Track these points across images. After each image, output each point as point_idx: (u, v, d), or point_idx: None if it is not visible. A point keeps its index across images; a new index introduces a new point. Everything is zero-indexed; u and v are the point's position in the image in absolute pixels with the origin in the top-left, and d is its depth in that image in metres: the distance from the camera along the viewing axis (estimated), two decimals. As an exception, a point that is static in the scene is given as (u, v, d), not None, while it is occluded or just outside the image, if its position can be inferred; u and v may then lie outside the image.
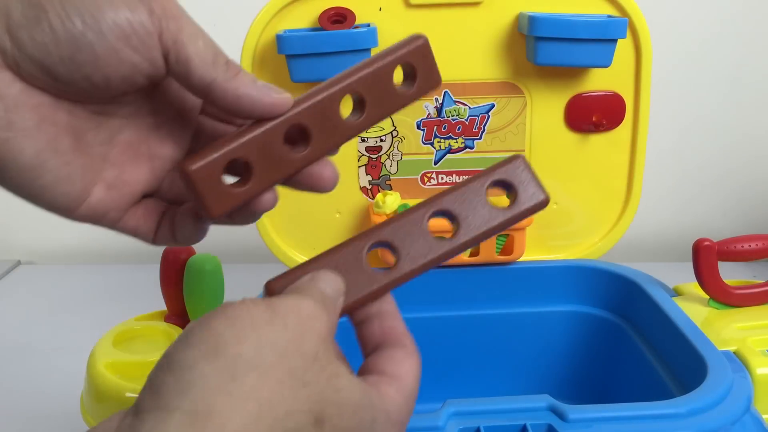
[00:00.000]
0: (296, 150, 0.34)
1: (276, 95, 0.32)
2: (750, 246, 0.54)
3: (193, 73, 0.31)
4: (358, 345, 0.34)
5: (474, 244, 0.36)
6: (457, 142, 0.63)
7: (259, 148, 0.33)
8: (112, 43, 0.30)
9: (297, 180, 0.35)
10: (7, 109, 0.30)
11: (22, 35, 0.29)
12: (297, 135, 0.35)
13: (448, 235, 0.35)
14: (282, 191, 0.37)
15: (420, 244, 0.35)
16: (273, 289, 0.34)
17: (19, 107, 0.30)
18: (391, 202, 0.63)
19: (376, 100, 0.35)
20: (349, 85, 0.34)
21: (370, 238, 0.35)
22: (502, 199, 0.37)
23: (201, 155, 0.32)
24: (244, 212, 0.34)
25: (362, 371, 0.33)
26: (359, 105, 0.35)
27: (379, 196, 0.61)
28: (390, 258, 0.35)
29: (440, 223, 0.36)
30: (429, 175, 0.64)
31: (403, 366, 0.33)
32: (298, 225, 0.63)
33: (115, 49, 0.30)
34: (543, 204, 0.36)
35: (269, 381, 0.26)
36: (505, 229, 0.36)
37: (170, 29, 0.31)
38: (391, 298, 0.35)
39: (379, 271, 0.35)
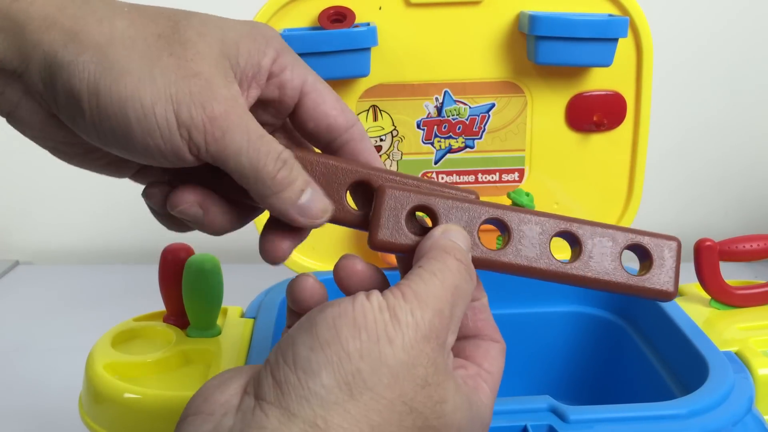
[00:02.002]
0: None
1: (304, 220, 0.33)
2: (751, 246, 0.54)
3: (236, 179, 0.32)
4: None
5: (576, 283, 0.35)
6: (457, 141, 0.63)
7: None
8: (140, 141, 0.30)
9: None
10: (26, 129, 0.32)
11: (61, 115, 0.31)
12: None
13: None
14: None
15: (533, 248, 0.34)
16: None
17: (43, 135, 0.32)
18: (390, 202, 0.63)
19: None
20: (366, 173, 0.34)
21: (486, 212, 0.34)
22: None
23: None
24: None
25: (458, 354, 0.33)
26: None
27: (378, 195, 0.61)
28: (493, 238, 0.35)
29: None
30: (429, 174, 0.64)
31: (498, 363, 0.34)
32: (297, 225, 0.63)
33: (145, 146, 0.31)
34: (667, 297, 0.35)
35: (381, 403, 0.27)
36: (611, 291, 0.35)
37: (209, 150, 0.31)
38: (485, 293, 0.35)
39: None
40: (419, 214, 0.35)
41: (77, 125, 0.30)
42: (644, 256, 0.35)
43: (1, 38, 0.29)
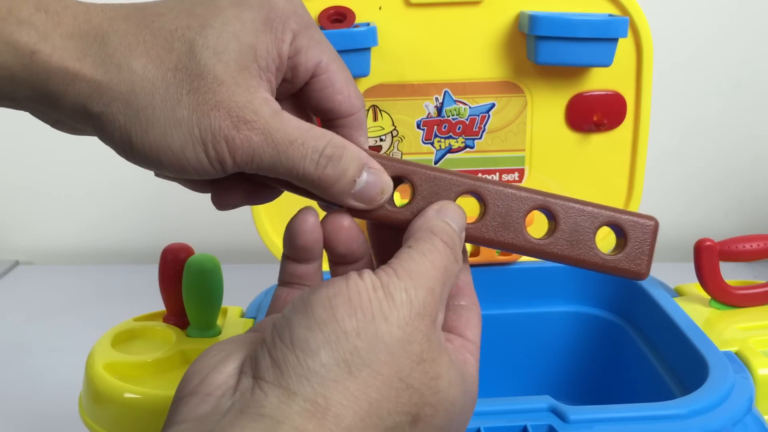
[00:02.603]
0: None
1: (365, 206, 0.34)
2: (751, 246, 0.54)
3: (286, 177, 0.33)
4: None
5: (549, 258, 0.35)
6: (457, 141, 0.63)
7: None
8: (175, 173, 0.32)
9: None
10: None
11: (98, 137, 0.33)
12: None
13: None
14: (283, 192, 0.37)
15: (508, 222, 0.34)
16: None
17: None
18: (390, 201, 0.63)
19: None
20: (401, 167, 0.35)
21: (463, 183, 0.34)
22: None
23: None
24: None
25: (443, 327, 0.34)
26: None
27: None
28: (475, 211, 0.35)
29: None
30: (429, 174, 0.64)
31: (478, 330, 0.34)
32: (297, 225, 0.63)
33: (181, 175, 0.33)
34: (638, 277, 0.35)
35: (379, 379, 0.28)
36: (584, 268, 0.35)
37: (247, 171, 0.32)
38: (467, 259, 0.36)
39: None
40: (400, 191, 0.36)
41: (114, 149, 0.32)
42: (620, 234, 0.35)
43: (26, 88, 0.30)
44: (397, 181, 0.35)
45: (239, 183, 0.35)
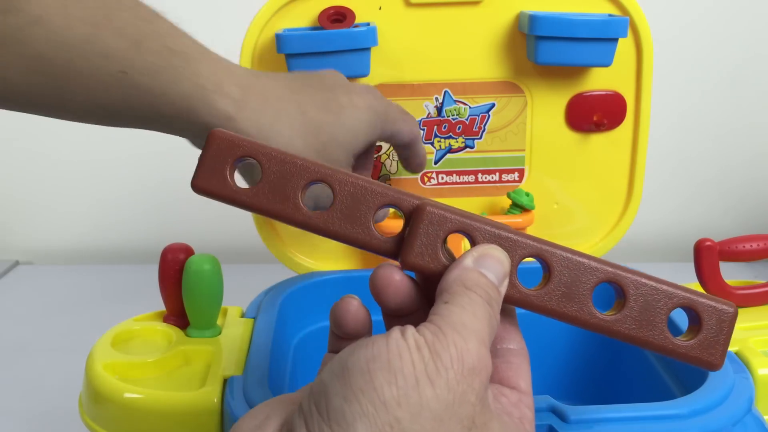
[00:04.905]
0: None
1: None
2: (751, 246, 0.54)
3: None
4: None
5: (616, 337, 0.32)
6: (457, 141, 0.63)
7: (280, 166, 0.31)
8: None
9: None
10: None
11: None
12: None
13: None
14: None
15: (573, 294, 0.32)
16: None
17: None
18: (390, 201, 0.63)
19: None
20: (396, 197, 0.32)
21: (529, 247, 0.32)
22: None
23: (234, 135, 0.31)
24: None
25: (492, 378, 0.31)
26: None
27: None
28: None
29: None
30: (429, 174, 0.64)
31: (529, 376, 0.32)
32: (297, 225, 0.63)
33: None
34: (711, 368, 0.32)
35: None
36: (652, 350, 0.33)
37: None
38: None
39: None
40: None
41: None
42: (694, 319, 0.33)
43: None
44: (459, 233, 0.32)
45: None
